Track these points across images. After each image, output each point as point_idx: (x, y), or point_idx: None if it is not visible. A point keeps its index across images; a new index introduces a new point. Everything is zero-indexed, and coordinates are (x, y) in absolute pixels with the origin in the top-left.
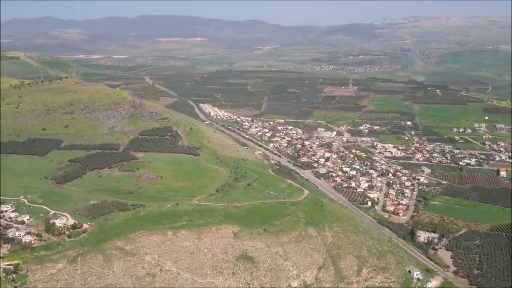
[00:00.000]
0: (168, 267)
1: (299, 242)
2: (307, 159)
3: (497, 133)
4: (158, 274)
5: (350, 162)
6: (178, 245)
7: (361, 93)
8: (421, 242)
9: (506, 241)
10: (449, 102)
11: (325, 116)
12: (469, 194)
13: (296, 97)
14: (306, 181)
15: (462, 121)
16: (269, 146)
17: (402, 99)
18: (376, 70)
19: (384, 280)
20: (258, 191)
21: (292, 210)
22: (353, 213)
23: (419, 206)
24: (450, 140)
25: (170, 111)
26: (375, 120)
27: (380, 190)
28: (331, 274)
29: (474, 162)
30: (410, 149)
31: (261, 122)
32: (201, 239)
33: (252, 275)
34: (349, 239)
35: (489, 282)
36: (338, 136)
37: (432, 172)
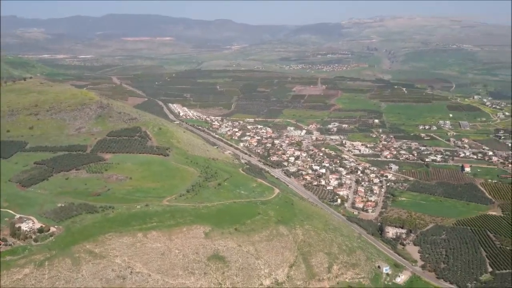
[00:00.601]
0: (139, 269)
1: (271, 240)
2: (277, 158)
3: (461, 130)
4: (128, 276)
5: (319, 160)
6: (149, 246)
7: (330, 92)
8: (390, 238)
9: (471, 235)
10: (415, 100)
11: (294, 115)
12: (435, 190)
13: (265, 96)
14: (276, 180)
15: (428, 119)
16: (239, 146)
17: (370, 98)
18: (344, 69)
19: (354, 276)
20: (228, 190)
21: (263, 209)
22: (323, 211)
23: (387, 203)
24: (417, 137)
25: (139, 111)
26: (344, 118)
27: (349, 187)
28: (302, 272)
29: (440, 158)
30: (378, 147)
31: (231, 121)
32: (172, 240)
33: (223, 275)
34: (319, 237)
35: (455, 275)
36: (308, 135)
37: (399, 169)
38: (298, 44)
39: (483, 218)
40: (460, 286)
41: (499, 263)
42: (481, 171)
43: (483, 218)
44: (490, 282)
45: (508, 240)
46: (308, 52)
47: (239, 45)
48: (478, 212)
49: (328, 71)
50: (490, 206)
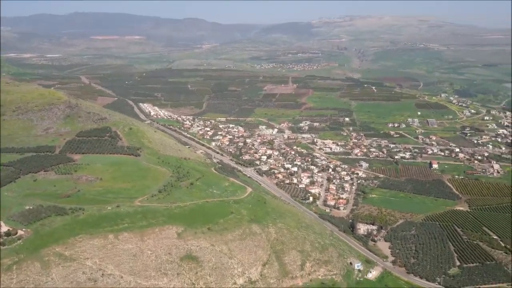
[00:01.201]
0: (110, 271)
1: (244, 239)
2: (249, 157)
3: (429, 128)
4: (99, 278)
5: (291, 159)
6: (120, 248)
7: (301, 91)
8: (361, 235)
9: (439, 230)
10: (384, 99)
11: (266, 113)
12: (405, 186)
13: (237, 95)
14: (248, 178)
15: (397, 117)
16: (211, 145)
17: (340, 96)
18: (314, 68)
19: (327, 272)
20: (201, 190)
21: (236, 208)
22: (296, 209)
23: (358, 200)
24: (386, 135)
25: (109, 111)
26: (315, 117)
27: (321, 185)
28: (275, 270)
29: (409, 155)
30: (349, 145)
31: (203, 120)
32: (144, 241)
33: (197, 275)
34: (292, 235)
35: (425, 269)
36: (280, 133)
37: (369, 166)
38: (269, 43)
39: (450, 214)
40: (429, 280)
41: (467, 257)
42: (448, 167)
43: (451, 213)
44: (458, 275)
45: (475, 234)
46: (279, 51)
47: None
48: (446, 208)
49: (299, 70)
50: (457, 201)
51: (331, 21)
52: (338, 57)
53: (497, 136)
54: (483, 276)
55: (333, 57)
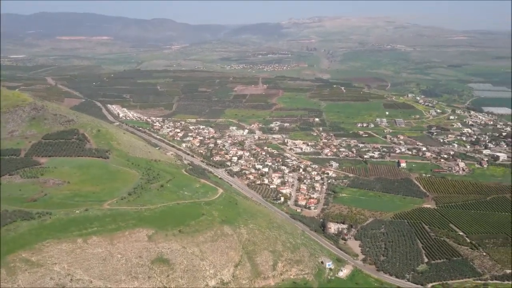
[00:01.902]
0: (79, 275)
1: (215, 241)
2: (220, 158)
3: (396, 127)
4: (68, 284)
5: (262, 159)
6: (89, 252)
7: (271, 91)
8: (332, 234)
9: (408, 227)
10: (353, 99)
11: (236, 114)
12: (374, 185)
13: (207, 96)
14: (220, 180)
15: (365, 117)
16: (181, 146)
17: (310, 97)
18: (284, 68)
19: (299, 272)
20: (171, 192)
21: (207, 210)
22: (267, 209)
23: (329, 199)
24: (355, 135)
25: (76, 113)
26: (285, 117)
27: (292, 185)
28: (247, 271)
29: (377, 155)
30: (319, 145)
31: (173, 122)
32: (114, 245)
33: (168, 278)
34: (264, 235)
35: (394, 267)
36: (250, 134)
37: (339, 166)
38: (238, 44)
39: (418, 211)
40: (398, 277)
41: (434, 253)
42: (416, 166)
43: (419, 211)
44: (426, 271)
45: (442, 231)
46: (248, 52)
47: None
48: (414, 206)
49: (269, 70)
50: (424, 199)
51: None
52: (307, 58)
53: (462, 135)
54: (450, 271)
55: (303, 57)
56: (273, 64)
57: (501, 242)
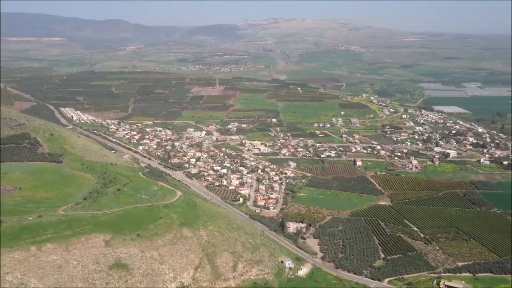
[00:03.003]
0: (33, 284)
1: (174, 244)
2: (178, 160)
3: (352, 127)
4: None
5: (220, 161)
6: (44, 260)
7: (228, 92)
8: (291, 233)
9: (364, 224)
10: (309, 99)
11: (194, 116)
12: (331, 184)
13: (163, 98)
14: (178, 182)
15: (322, 117)
16: (138, 149)
17: (267, 97)
18: (241, 69)
19: (259, 272)
20: (129, 195)
21: (166, 213)
22: (226, 211)
23: (288, 199)
24: (312, 134)
25: (27, 117)
26: (243, 118)
27: (250, 186)
28: (208, 273)
29: (334, 154)
30: (277, 145)
31: (129, 124)
32: (70, 251)
33: (127, 283)
34: (223, 236)
35: (352, 263)
36: (208, 136)
37: (297, 166)
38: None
39: (374, 208)
40: (356, 274)
41: (390, 249)
42: (371, 164)
43: (375, 208)
44: (383, 267)
45: (397, 227)
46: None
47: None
48: (370, 203)
49: (226, 72)
50: (380, 196)
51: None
52: (264, 59)
53: (414, 133)
54: (405, 266)
55: (259, 59)
56: (230, 65)
57: (453, 236)
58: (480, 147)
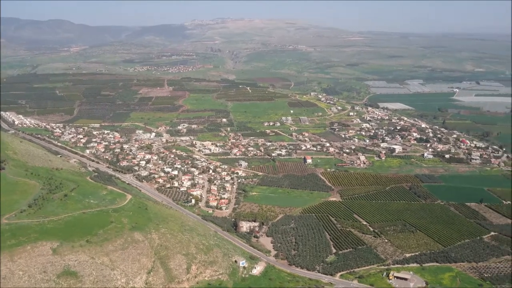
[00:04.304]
0: None
1: (126, 248)
2: (127, 163)
3: (301, 125)
4: None
5: (171, 162)
6: None
7: (177, 93)
8: (244, 232)
9: (316, 221)
10: (259, 99)
11: (142, 117)
12: (283, 182)
13: (110, 99)
14: (128, 185)
15: (272, 116)
16: (85, 153)
17: (217, 98)
18: (189, 70)
19: (213, 273)
20: (76, 201)
21: (116, 217)
22: (179, 213)
23: (240, 198)
24: (262, 133)
25: None
26: (193, 119)
27: (202, 187)
28: (161, 276)
29: (284, 152)
30: (228, 145)
31: (75, 128)
32: (15, 261)
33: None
34: (176, 239)
35: (305, 259)
36: (158, 137)
37: (249, 165)
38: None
39: (325, 205)
40: (309, 269)
41: (341, 244)
42: (320, 161)
43: (325, 205)
44: (335, 262)
45: (347, 222)
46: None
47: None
48: (320, 200)
49: (174, 72)
50: (330, 193)
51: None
52: (212, 59)
53: (361, 130)
54: (356, 260)
55: (208, 59)
56: (178, 65)
57: (400, 228)
58: (424, 142)
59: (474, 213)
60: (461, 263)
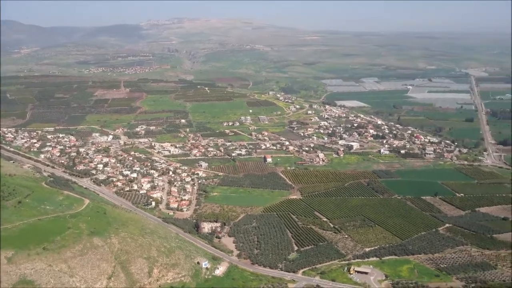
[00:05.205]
0: None
1: (85, 254)
2: (84, 167)
3: (260, 124)
4: None
5: (130, 165)
6: None
7: (134, 95)
8: (206, 233)
9: (277, 219)
10: (217, 99)
11: (99, 120)
12: (243, 182)
13: (65, 102)
14: (85, 190)
15: (231, 115)
16: (40, 158)
17: (175, 98)
18: (146, 71)
19: (175, 276)
20: (31, 207)
21: (73, 223)
22: (139, 216)
23: (201, 199)
24: (222, 134)
25: None
26: (151, 120)
27: (162, 189)
28: (122, 281)
29: (244, 152)
30: (187, 146)
31: (28, 132)
32: None
33: None
34: (136, 242)
35: (267, 258)
36: (115, 140)
37: (209, 166)
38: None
39: (286, 203)
40: (272, 268)
41: (303, 241)
42: (280, 160)
43: (286, 203)
44: (297, 259)
45: (308, 219)
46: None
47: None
48: (281, 198)
49: (131, 73)
50: (291, 191)
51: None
52: (169, 59)
53: (320, 128)
54: (318, 256)
55: (165, 59)
56: (134, 66)
57: (360, 223)
58: (380, 138)
59: (430, 206)
60: (418, 255)
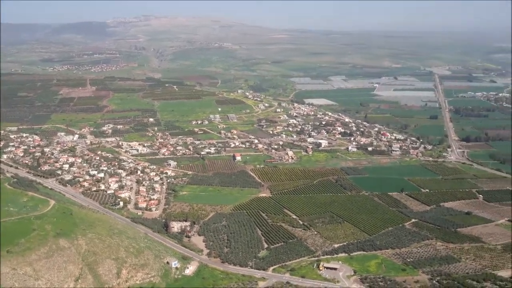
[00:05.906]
0: None
1: (51, 257)
2: (49, 167)
3: (229, 122)
4: None
5: (97, 165)
6: None
7: (101, 93)
8: (175, 233)
9: (247, 217)
10: (186, 97)
11: (64, 119)
12: (213, 180)
13: (29, 101)
14: (51, 190)
15: (199, 114)
16: (2, 158)
17: (142, 97)
18: (113, 69)
19: (145, 276)
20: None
21: (39, 224)
22: (106, 216)
23: (170, 199)
24: (191, 132)
25: None
26: (118, 119)
27: (130, 188)
28: (90, 283)
29: (214, 150)
30: (155, 145)
31: None
32: None
33: None
34: (104, 243)
35: (238, 256)
36: (81, 139)
37: (178, 164)
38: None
39: (256, 201)
40: (242, 266)
41: (273, 239)
42: (250, 158)
43: (256, 201)
44: (267, 256)
45: (278, 217)
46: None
47: None
48: (251, 196)
49: (97, 71)
50: (260, 189)
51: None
52: (137, 57)
53: (289, 126)
54: (288, 253)
55: (132, 57)
56: (100, 64)
57: (328, 220)
58: (348, 136)
59: (396, 202)
60: (386, 250)
